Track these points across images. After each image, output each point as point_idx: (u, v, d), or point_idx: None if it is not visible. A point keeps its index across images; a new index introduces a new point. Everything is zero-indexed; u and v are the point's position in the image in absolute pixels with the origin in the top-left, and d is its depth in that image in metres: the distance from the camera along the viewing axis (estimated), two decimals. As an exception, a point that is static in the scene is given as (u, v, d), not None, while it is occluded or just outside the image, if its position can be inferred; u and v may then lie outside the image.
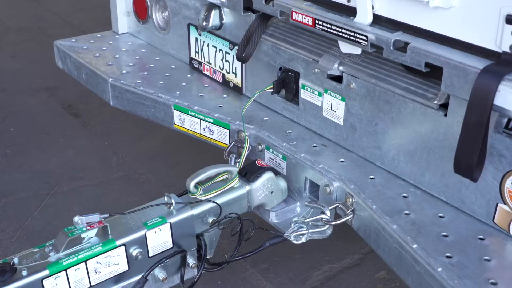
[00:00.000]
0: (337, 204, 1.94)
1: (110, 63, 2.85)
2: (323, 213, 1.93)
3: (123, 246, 1.78)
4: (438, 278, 1.57)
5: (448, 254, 1.64)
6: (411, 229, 1.74)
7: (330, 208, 1.93)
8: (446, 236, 1.72)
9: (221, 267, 2.00)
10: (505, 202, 1.67)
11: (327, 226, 1.93)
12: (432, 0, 1.69)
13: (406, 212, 1.82)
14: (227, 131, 2.34)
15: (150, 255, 1.85)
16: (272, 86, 2.33)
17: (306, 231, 1.93)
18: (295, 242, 1.95)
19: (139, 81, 2.65)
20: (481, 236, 1.72)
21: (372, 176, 2.00)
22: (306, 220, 1.95)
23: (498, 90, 1.52)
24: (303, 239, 1.95)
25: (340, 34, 1.92)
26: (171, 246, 1.88)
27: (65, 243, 1.69)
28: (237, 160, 2.19)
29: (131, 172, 3.80)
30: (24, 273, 1.64)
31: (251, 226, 1.96)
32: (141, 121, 3.55)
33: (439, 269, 1.58)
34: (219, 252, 2.10)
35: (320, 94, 2.18)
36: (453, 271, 1.57)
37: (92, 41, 3.13)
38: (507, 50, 1.56)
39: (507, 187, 1.65)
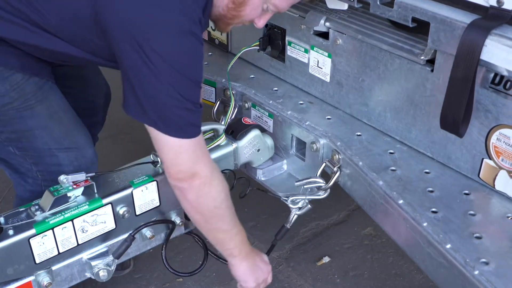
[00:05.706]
0: (324, 164, 1.95)
1: (93, 21, 2.80)
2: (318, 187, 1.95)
3: (110, 205, 1.78)
4: (423, 232, 1.59)
5: (433, 209, 1.65)
6: (397, 185, 1.75)
7: (320, 172, 1.94)
8: (431, 191, 1.73)
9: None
10: (490, 157, 1.68)
11: (323, 192, 1.95)
12: (420, -46, 1.67)
13: (393, 168, 1.83)
14: (213, 89, 2.32)
15: (137, 213, 1.85)
16: (258, 43, 2.30)
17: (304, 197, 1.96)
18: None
19: (123, 39, 2.61)
20: (466, 191, 1.73)
21: (358, 133, 1.99)
22: (305, 198, 1.97)
23: (485, 45, 1.51)
24: (299, 205, 1.99)
25: (327, -11, 1.91)
26: (158, 204, 1.88)
27: (51, 202, 1.69)
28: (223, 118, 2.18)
29: (116, 132, 3.77)
30: (11, 232, 1.64)
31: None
32: (126, 80, 3.52)
33: (425, 224, 1.60)
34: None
35: (306, 51, 2.16)
36: (438, 225, 1.59)
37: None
38: (495, 4, 1.54)
39: (492, 142, 1.65)
